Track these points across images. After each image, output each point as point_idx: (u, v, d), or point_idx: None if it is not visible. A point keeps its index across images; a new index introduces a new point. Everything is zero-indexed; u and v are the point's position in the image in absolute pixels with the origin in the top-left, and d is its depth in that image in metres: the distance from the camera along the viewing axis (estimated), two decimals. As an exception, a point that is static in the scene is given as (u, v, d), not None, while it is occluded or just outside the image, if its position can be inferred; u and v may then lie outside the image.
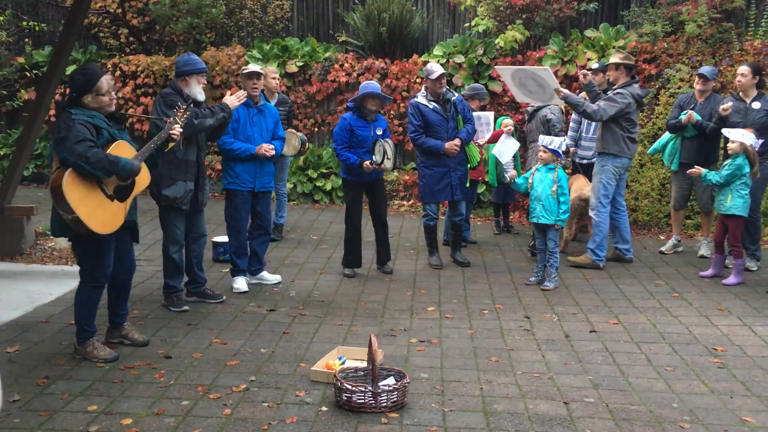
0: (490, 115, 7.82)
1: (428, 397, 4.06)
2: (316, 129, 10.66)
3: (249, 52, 10.63)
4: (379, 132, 6.41)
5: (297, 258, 7.25)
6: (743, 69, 6.63)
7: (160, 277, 5.95)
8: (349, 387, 3.89)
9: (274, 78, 7.34)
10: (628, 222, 6.95)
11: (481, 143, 7.64)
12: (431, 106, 6.65)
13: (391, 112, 10.16)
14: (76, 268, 5.23)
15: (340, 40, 11.10)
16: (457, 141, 6.63)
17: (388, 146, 6.30)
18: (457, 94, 6.88)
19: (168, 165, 5.28)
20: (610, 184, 6.60)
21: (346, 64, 10.40)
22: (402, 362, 4.55)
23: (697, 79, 7.11)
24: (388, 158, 6.28)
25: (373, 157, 6.30)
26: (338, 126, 6.43)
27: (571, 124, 7.69)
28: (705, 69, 7.08)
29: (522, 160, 8.35)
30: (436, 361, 4.57)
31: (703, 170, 6.25)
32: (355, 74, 10.32)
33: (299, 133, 7.34)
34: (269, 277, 6.35)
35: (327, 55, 10.58)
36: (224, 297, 5.84)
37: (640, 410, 3.89)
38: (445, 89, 6.65)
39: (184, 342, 4.90)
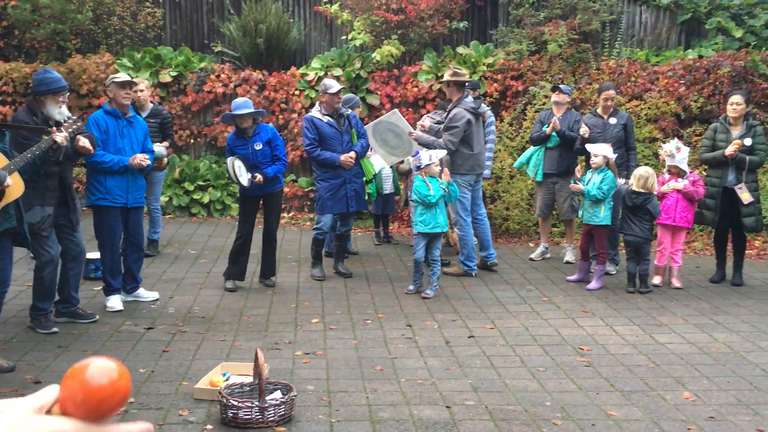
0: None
1: (315, 408, 4.08)
2: (192, 140, 10.41)
3: (119, 61, 10.24)
4: (258, 146, 6.32)
5: (175, 273, 7.05)
6: (611, 92, 7.11)
7: (24, 298, 5.60)
8: (235, 403, 3.84)
9: (141, 90, 7.13)
10: (489, 229, 7.27)
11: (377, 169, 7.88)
12: (326, 120, 6.73)
13: (270, 124, 10.08)
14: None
15: (216, 51, 10.93)
16: (352, 153, 6.74)
17: (237, 163, 6.25)
18: (351, 110, 7.01)
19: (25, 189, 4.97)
20: (465, 198, 6.90)
21: (223, 75, 10.24)
22: (288, 375, 4.54)
23: (554, 95, 7.60)
24: (240, 175, 6.22)
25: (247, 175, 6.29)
26: (226, 146, 6.51)
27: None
28: (562, 87, 7.64)
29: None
30: (321, 373, 4.60)
31: (584, 187, 6.62)
32: (232, 85, 10.18)
33: (158, 147, 7.04)
34: (146, 294, 6.14)
35: (202, 65, 10.38)
36: (97, 316, 5.59)
37: (516, 410, 4.10)
38: (341, 104, 6.80)
39: (54, 365, 4.64)
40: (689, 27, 10.14)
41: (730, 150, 6.45)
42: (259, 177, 6.22)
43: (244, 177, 6.23)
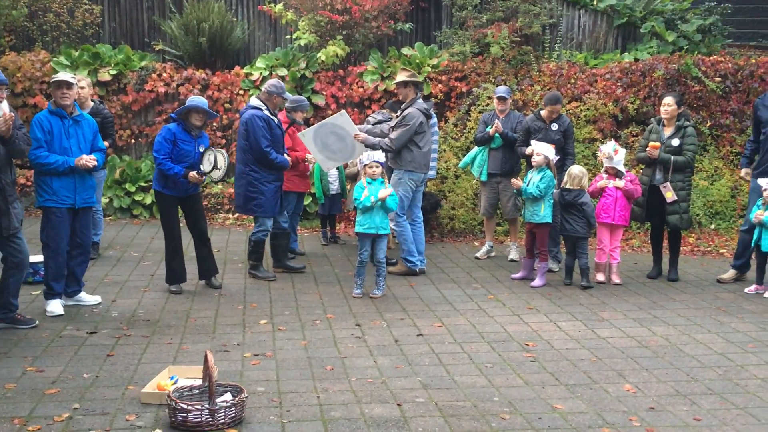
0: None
1: (266, 410, 4.06)
2: (133, 141, 10.20)
3: (55, 59, 9.94)
4: (202, 149, 6.25)
5: (117, 276, 6.90)
6: (557, 106, 7.22)
7: (-41, 304, 5.39)
8: (185, 406, 3.80)
9: (82, 88, 6.96)
10: (424, 233, 7.33)
11: (325, 170, 7.90)
12: (276, 121, 6.80)
13: (214, 124, 9.97)
14: None
15: (157, 49, 10.72)
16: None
17: (220, 156, 6.19)
18: None
19: None
20: (407, 196, 6.96)
21: (165, 74, 10.06)
22: (237, 377, 4.51)
23: (496, 101, 7.72)
24: (217, 168, 6.17)
25: (201, 167, 6.18)
26: (161, 135, 6.19)
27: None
28: (501, 89, 7.71)
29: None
30: (271, 374, 4.58)
31: (522, 184, 6.76)
32: (174, 84, 10.01)
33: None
34: (88, 298, 5.99)
35: (143, 63, 10.18)
36: (37, 321, 5.43)
37: (465, 406, 4.17)
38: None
39: (-7, 373, 4.49)
40: (625, 31, 10.46)
41: (647, 151, 6.73)
42: (198, 176, 6.19)
43: (222, 171, 6.21)
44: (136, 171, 9.89)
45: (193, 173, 6.13)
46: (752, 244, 6.64)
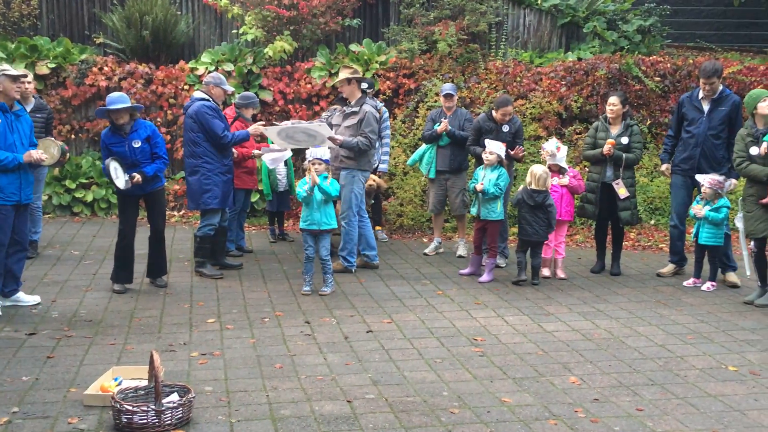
0: (287, 154, 7.87)
1: (214, 409, 4.00)
2: (73, 136, 9.91)
3: (-10, 51, 9.58)
4: (137, 144, 6.05)
5: (58, 276, 6.70)
6: (509, 108, 7.26)
7: None
8: (130, 408, 3.71)
9: (30, 82, 6.74)
10: (372, 229, 7.35)
11: (271, 167, 7.82)
12: (222, 113, 6.83)
13: (158, 119, 9.77)
14: None
15: (98, 42, 10.44)
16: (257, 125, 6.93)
17: (116, 164, 6.02)
18: None
19: None
20: (361, 193, 6.98)
21: (106, 68, 9.81)
22: (184, 377, 4.43)
23: (442, 99, 7.76)
24: (117, 177, 5.99)
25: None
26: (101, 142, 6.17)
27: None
28: (447, 87, 7.75)
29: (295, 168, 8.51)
30: (219, 373, 4.52)
31: (484, 185, 6.77)
32: (116, 79, 9.77)
33: (60, 142, 6.76)
34: (26, 298, 5.80)
35: (83, 57, 9.90)
36: (-28, 323, 5.23)
37: (415, 401, 4.19)
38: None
39: (-75, 377, 4.31)
40: (569, 30, 10.66)
41: (606, 149, 6.86)
42: (137, 177, 5.98)
43: (121, 179, 5.97)
44: (77, 167, 9.62)
45: (137, 177, 5.97)
46: (692, 238, 6.86)
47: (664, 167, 7.20)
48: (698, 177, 6.69)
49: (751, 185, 6.08)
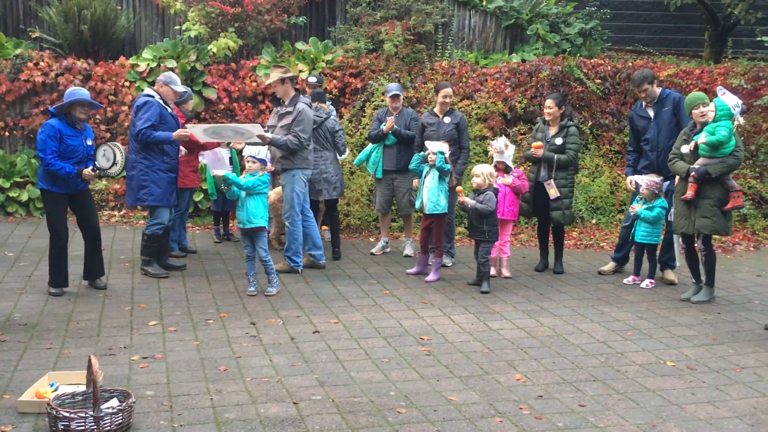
0: (226, 153, 7.74)
1: (156, 414, 3.91)
2: (6, 133, 9.55)
3: None
4: (89, 142, 5.97)
5: (-10, 278, 6.45)
6: (448, 90, 7.38)
7: None
8: (67, 414, 3.59)
9: None
10: (318, 228, 7.32)
11: (218, 173, 7.67)
12: (169, 110, 6.68)
13: (98, 117, 9.50)
14: None
15: (34, 37, 10.09)
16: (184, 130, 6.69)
17: (117, 151, 5.91)
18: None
19: None
20: (303, 192, 6.94)
21: (42, 63, 9.49)
22: (124, 381, 4.31)
23: (388, 99, 7.76)
24: (115, 163, 5.89)
25: (96, 162, 5.89)
26: (44, 134, 5.80)
27: None
28: (392, 87, 7.76)
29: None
30: (161, 377, 4.41)
31: (435, 160, 6.77)
32: (53, 74, 9.46)
33: None
34: (-44, 301, 5.56)
35: (18, 51, 9.56)
36: None
37: (362, 401, 4.17)
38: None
39: None
40: (513, 32, 10.82)
41: (531, 150, 7.02)
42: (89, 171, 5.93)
43: (116, 168, 5.92)
44: (11, 166, 9.27)
45: (87, 170, 5.83)
46: (630, 237, 7.04)
47: (627, 180, 7.24)
48: (636, 178, 6.85)
49: (680, 182, 6.30)
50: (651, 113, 6.94)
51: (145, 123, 6.46)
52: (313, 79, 7.84)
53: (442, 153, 6.79)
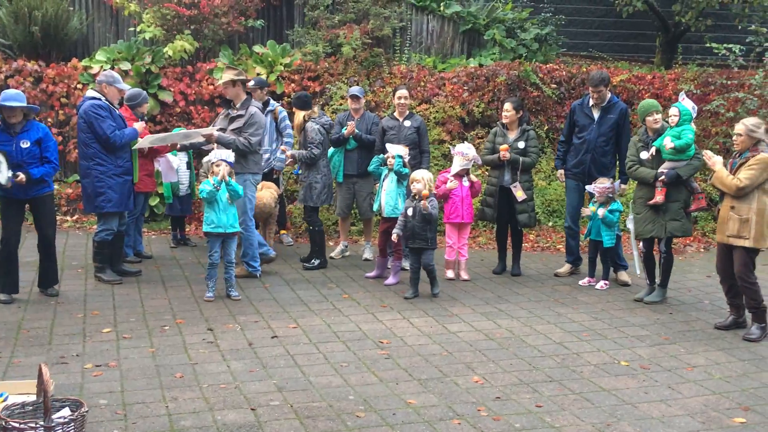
0: (174, 160, 7.64)
1: (109, 423, 3.83)
2: (-47, 136, 9.26)
3: None
4: (25, 145, 5.75)
5: (-65, 286, 6.23)
6: (404, 91, 7.44)
7: None
8: (16, 425, 3.48)
9: None
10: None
11: (172, 180, 7.61)
12: (117, 112, 6.60)
13: (49, 119, 9.29)
14: None
15: (-18, 37, 9.83)
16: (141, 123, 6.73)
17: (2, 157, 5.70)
18: None
19: None
20: (254, 197, 6.90)
21: (-9, 65, 9.24)
22: (77, 390, 4.22)
23: (350, 100, 7.78)
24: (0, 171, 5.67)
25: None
26: None
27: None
28: (355, 89, 7.79)
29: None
30: (115, 385, 4.33)
31: (394, 163, 6.81)
32: (2, 76, 9.22)
33: None
34: None
35: (-35, 52, 9.29)
36: None
37: (321, 406, 4.15)
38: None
39: None
40: (470, 37, 10.92)
41: (501, 154, 7.08)
42: (21, 176, 5.67)
43: (4, 174, 5.65)
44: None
45: (21, 176, 5.66)
46: (584, 238, 7.16)
47: (558, 173, 7.47)
48: (588, 188, 6.98)
49: (641, 188, 6.42)
50: (596, 115, 7.08)
51: (110, 128, 6.36)
52: (251, 83, 7.74)
53: (400, 157, 6.83)
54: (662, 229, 6.25)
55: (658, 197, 6.19)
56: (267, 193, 7.55)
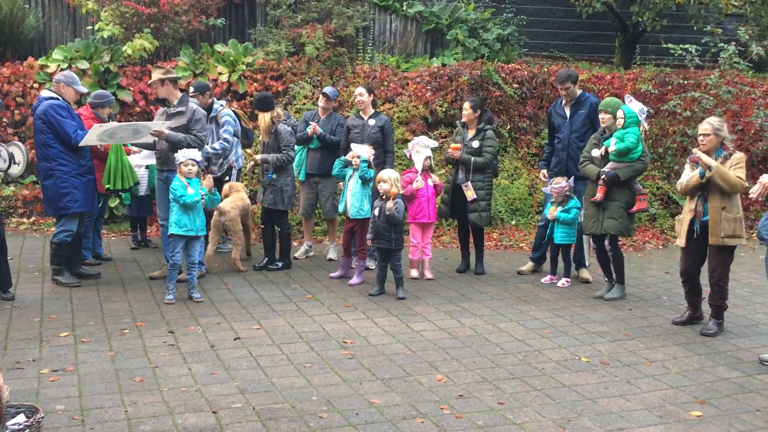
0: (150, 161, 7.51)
1: (66, 429, 3.76)
2: None
3: None
4: None
5: None
6: (361, 90, 7.45)
7: None
8: (-31, 434, 3.40)
9: None
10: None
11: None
12: (75, 112, 6.52)
13: (4, 120, 9.07)
14: None
15: (-67, 35, 9.56)
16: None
17: (17, 150, 5.62)
18: None
19: None
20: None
21: (-57, 63, 8.99)
22: (33, 396, 4.13)
23: (321, 97, 7.76)
24: (15, 163, 5.61)
25: None
26: None
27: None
28: (328, 89, 7.77)
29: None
30: (73, 390, 4.25)
31: (359, 163, 6.78)
32: (-46, 75, 8.98)
33: None
34: None
35: None
36: None
37: (284, 408, 4.13)
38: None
39: None
40: (433, 37, 10.96)
41: (449, 152, 7.18)
42: None
43: (16, 167, 5.59)
44: None
45: None
46: (546, 238, 7.23)
47: (541, 173, 7.52)
48: (544, 189, 7.07)
49: (590, 185, 6.54)
50: (568, 113, 7.17)
51: (72, 128, 6.26)
52: (191, 89, 7.59)
53: (365, 161, 6.80)
54: (600, 226, 6.38)
55: (598, 195, 6.33)
56: (232, 203, 7.23)
